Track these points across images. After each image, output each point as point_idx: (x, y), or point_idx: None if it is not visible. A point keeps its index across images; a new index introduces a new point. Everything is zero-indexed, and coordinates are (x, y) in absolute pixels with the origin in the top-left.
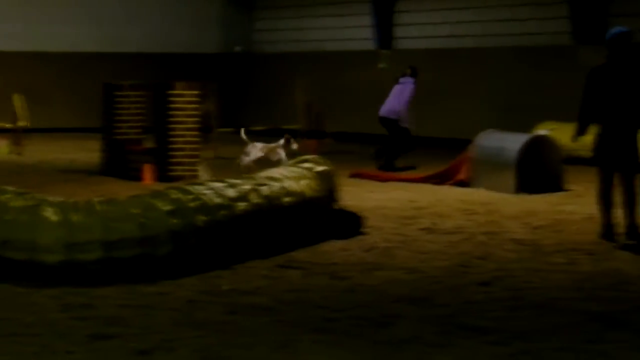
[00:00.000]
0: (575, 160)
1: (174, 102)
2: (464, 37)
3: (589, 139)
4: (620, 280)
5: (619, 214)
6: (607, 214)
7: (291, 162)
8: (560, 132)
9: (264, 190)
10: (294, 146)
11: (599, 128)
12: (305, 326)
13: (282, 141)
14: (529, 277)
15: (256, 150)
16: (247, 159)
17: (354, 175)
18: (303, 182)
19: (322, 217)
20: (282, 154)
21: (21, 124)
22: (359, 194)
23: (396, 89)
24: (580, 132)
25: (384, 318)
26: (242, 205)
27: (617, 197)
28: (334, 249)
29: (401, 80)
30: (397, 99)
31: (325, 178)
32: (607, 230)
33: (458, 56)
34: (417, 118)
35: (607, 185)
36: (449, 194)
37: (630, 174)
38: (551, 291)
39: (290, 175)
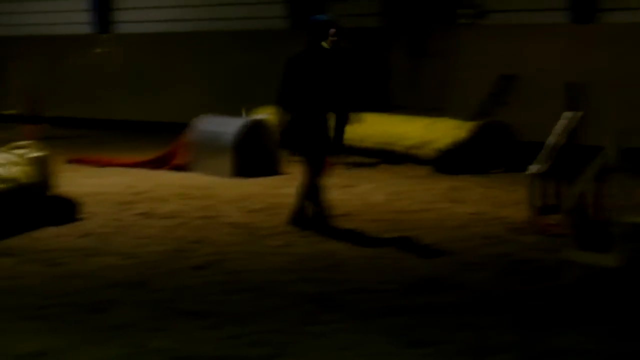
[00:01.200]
0: None
1: None
2: (183, 21)
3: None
4: (333, 262)
5: (332, 196)
6: (315, 200)
7: (4, 148)
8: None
9: None
10: None
11: (293, 114)
12: (18, 313)
13: None
14: (245, 260)
15: None
16: None
17: (72, 161)
18: (16, 169)
19: (36, 203)
20: None
21: None
22: (76, 180)
23: None
24: (284, 119)
25: (99, 304)
26: None
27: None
28: (49, 235)
29: None
30: None
31: (40, 164)
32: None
33: (177, 40)
34: (135, 103)
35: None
36: (167, 178)
37: (316, 160)
38: (267, 274)
39: (3, 162)
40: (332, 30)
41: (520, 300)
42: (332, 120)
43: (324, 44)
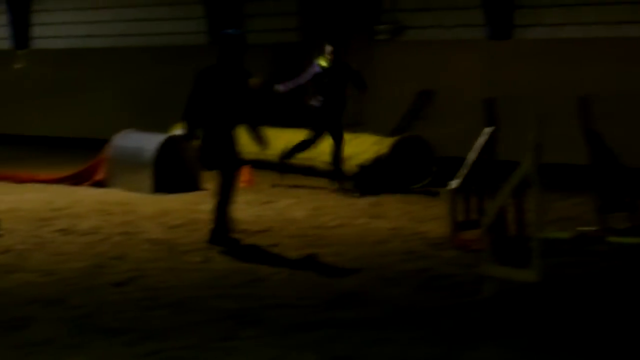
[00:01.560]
0: None
1: None
2: (102, 36)
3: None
4: (253, 278)
5: (253, 212)
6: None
7: None
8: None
9: None
10: None
11: (203, 130)
12: None
13: None
14: (164, 277)
15: None
16: None
17: None
18: None
19: None
20: None
21: None
22: None
23: None
24: (190, 134)
25: (17, 321)
26: None
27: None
28: None
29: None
30: None
31: None
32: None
33: (96, 56)
34: (53, 119)
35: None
36: (87, 194)
37: (227, 176)
38: (187, 290)
39: None
40: (329, 48)
41: (439, 315)
42: (241, 134)
43: (323, 62)
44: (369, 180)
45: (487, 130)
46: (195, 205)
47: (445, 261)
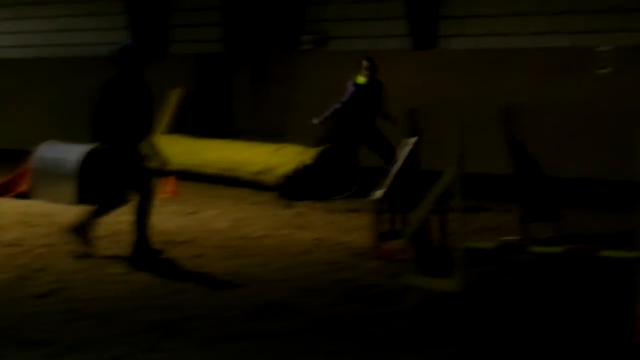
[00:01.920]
0: None
1: None
2: (26, 47)
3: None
4: (176, 289)
5: (176, 223)
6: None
7: None
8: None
9: None
10: None
11: (107, 144)
12: None
13: None
14: (87, 288)
15: None
16: None
17: None
18: None
19: None
20: None
21: None
22: None
23: None
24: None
25: None
26: None
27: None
28: None
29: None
30: None
31: None
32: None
33: (20, 67)
34: None
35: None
36: (9, 206)
37: (142, 190)
38: (110, 301)
39: None
40: (366, 63)
41: (362, 325)
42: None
43: (359, 80)
44: (293, 190)
45: (410, 140)
46: (118, 217)
47: (368, 271)
